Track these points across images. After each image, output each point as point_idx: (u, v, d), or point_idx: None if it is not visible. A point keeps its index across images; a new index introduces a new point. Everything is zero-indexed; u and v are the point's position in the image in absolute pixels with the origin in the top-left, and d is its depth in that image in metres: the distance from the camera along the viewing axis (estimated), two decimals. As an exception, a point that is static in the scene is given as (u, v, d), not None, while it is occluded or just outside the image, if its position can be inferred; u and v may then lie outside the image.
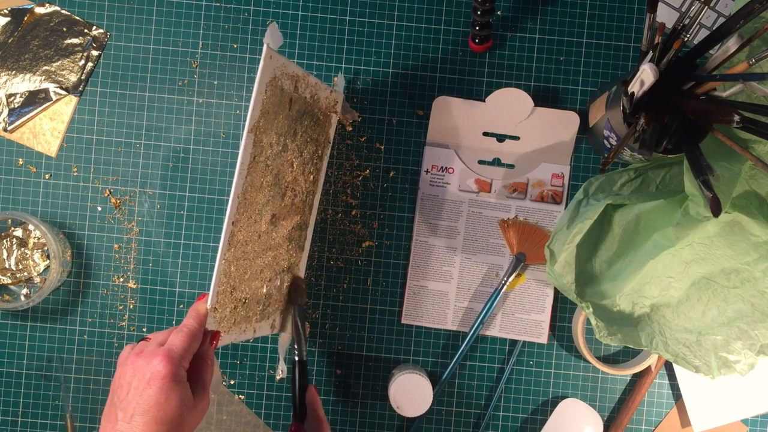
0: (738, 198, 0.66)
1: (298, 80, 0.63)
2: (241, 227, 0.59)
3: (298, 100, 0.64)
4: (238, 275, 0.60)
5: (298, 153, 0.66)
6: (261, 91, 0.57)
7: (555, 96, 0.76)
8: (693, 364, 0.67)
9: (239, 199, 0.58)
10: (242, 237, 0.60)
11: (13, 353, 0.75)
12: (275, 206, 0.64)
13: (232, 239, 0.58)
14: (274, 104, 0.60)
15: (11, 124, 0.75)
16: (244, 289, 0.62)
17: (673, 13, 0.75)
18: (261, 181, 0.61)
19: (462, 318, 0.75)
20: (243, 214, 0.59)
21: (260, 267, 0.64)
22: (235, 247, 0.59)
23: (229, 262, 0.58)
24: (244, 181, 0.58)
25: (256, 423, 0.75)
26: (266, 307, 0.67)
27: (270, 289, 0.67)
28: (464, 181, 0.75)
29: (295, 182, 0.67)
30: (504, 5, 0.76)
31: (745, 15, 0.56)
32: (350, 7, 0.76)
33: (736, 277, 0.68)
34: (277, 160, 0.62)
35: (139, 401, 0.51)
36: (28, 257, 0.75)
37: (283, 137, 0.63)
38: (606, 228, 0.71)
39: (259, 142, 0.59)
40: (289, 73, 0.61)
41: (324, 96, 0.69)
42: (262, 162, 0.60)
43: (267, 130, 0.60)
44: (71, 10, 0.76)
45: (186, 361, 0.54)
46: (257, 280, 0.64)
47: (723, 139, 0.58)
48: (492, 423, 0.76)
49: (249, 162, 0.58)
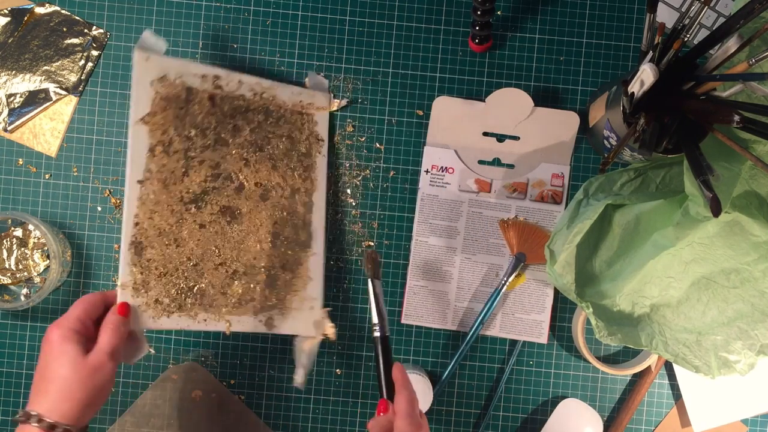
0: (738, 198, 0.66)
1: (219, 79, 0.68)
2: (159, 213, 0.65)
3: (227, 98, 0.68)
4: (169, 262, 0.65)
5: (252, 149, 0.69)
6: (138, 89, 0.65)
7: (555, 96, 0.76)
8: (693, 364, 0.67)
9: (148, 184, 0.65)
10: (163, 224, 0.65)
11: (13, 353, 0.75)
12: (227, 199, 0.68)
13: (144, 224, 0.65)
14: (175, 100, 0.66)
15: (11, 124, 0.75)
16: (189, 277, 0.66)
17: (673, 13, 0.75)
18: (182, 170, 0.66)
19: (462, 318, 0.75)
20: (161, 201, 0.65)
21: (214, 259, 0.67)
22: (150, 232, 0.65)
23: (142, 246, 0.65)
24: (142, 168, 0.65)
25: (256, 423, 0.75)
26: (245, 302, 0.68)
27: (249, 283, 0.68)
28: (464, 181, 0.75)
29: (264, 178, 0.69)
30: (504, 5, 0.76)
31: (745, 15, 0.56)
32: (350, 7, 0.76)
33: (736, 277, 0.68)
34: (211, 153, 0.67)
35: (37, 367, 0.59)
36: (28, 257, 0.75)
37: (212, 131, 0.68)
38: (606, 228, 0.71)
39: (161, 133, 0.65)
40: (197, 72, 0.67)
41: (287, 95, 0.72)
42: (178, 152, 0.66)
43: (171, 123, 0.66)
44: (71, 10, 0.76)
45: (76, 324, 0.59)
46: (213, 272, 0.67)
47: (723, 139, 0.58)
48: (492, 423, 0.76)
49: (146, 151, 0.64)
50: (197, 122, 0.67)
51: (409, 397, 0.60)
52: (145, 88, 0.65)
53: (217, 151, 0.68)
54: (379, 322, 0.64)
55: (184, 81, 0.67)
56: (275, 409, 0.76)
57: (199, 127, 0.67)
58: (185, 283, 0.66)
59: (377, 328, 0.64)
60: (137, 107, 0.65)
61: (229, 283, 0.68)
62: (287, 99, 0.72)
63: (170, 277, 0.66)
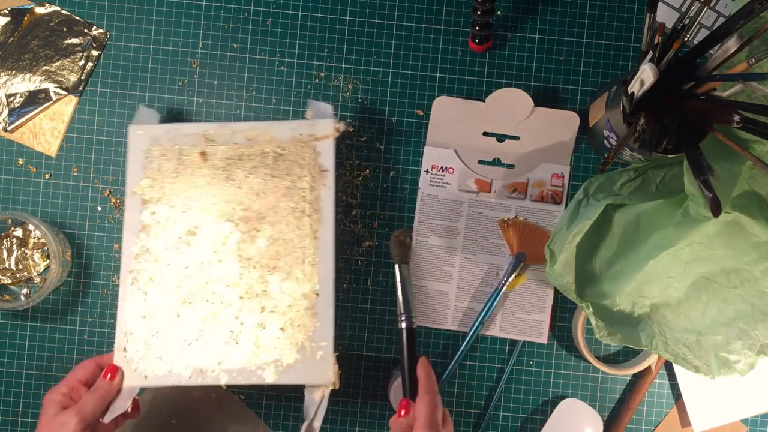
0: (738, 198, 0.66)
1: (209, 134, 0.69)
2: (155, 284, 0.68)
3: (219, 150, 0.69)
4: (163, 322, 0.67)
5: (250, 194, 0.69)
6: (131, 161, 0.69)
7: (555, 96, 0.76)
8: (693, 364, 0.67)
9: (143, 254, 0.68)
10: (159, 297, 0.67)
11: (13, 353, 0.75)
12: (223, 253, 0.68)
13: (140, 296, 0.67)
14: (168, 165, 0.69)
15: (11, 124, 0.75)
16: (181, 333, 0.67)
17: (673, 13, 0.75)
18: (177, 236, 0.68)
19: (462, 318, 0.75)
20: (155, 277, 0.68)
21: (209, 316, 0.67)
22: (146, 304, 0.68)
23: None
24: (137, 238, 0.68)
25: (256, 423, 0.75)
26: (244, 354, 0.66)
27: (248, 332, 0.66)
28: (464, 181, 0.75)
29: (263, 221, 0.68)
30: (504, 5, 0.76)
31: (745, 15, 0.56)
32: (350, 7, 0.76)
33: (736, 277, 0.68)
34: (206, 210, 0.69)
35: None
36: (28, 257, 0.75)
37: (206, 185, 0.69)
38: (606, 228, 0.71)
39: (155, 201, 0.69)
40: (188, 132, 0.69)
41: (284, 132, 0.69)
42: (170, 218, 0.68)
43: (164, 190, 0.69)
44: (71, 10, 0.76)
45: (65, 389, 0.63)
46: (210, 327, 0.67)
47: (723, 139, 0.58)
48: (492, 423, 0.76)
49: (139, 222, 0.68)
50: (191, 183, 0.69)
51: (430, 403, 0.57)
52: (138, 159, 0.69)
53: (213, 205, 0.68)
54: (405, 312, 0.60)
55: (176, 144, 0.69)
56: (275, 409, 0.76)
57: (193, 187, 0.69)
58: (180, 340, 0.66)
59: (404, 318, 0.60)
60: (132, 178, 0.69)
61: (226, 339, 0.66)
62: (285, 136, 0.69)
63: (163, 338, 0.66)
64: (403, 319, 0.60)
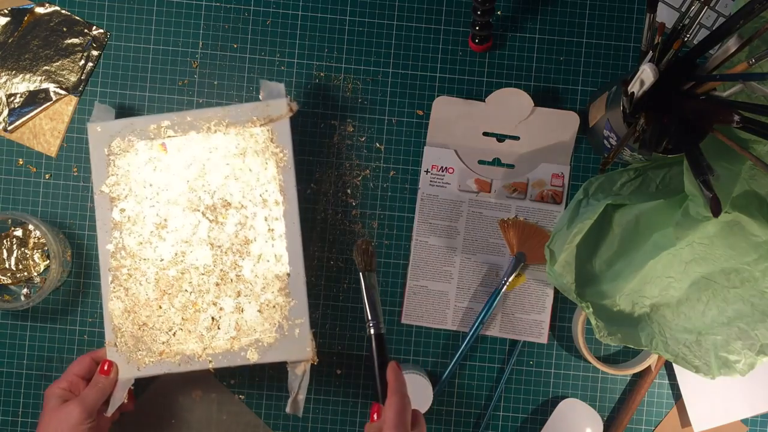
0: (738, 198, 0.66)
1: (168, 125, 0.69)
2: (132, 277, 0.69)
3: (179, 141, 0.70)
4: (147, 314, 0.69)
5: (212, 182, 0.69)
6: (94, 159, 0.69)
7: (555, 96, 0.76)
8: (693, 364, 0.67)
9: (119, 250, 0.69)
10: (138, 289, 0.69)
11: (13, 353, 0.75)
12: (195, 244, 0.69)
13: (119, 292, 0.69)
14: (131, 160, 0.69)
15: (11, 124, 0.75)
16: (166, 323, 0.68)
17: (673, 13, 0.75)
18: (149, 230, 0.69)
19: (462, 318, 0.75)
20: (132, 268, 0.69)
21: (188, 304, 0.69)
22: (127, 298, 0.69)
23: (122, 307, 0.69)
24: (111, 235, 0.69)
25: (256, 423, 0.75)
26: (225, 338, 0.68)
27: (227, 317, 0.68)
28: (464, 181, 0.75)
29: (229, 209, 0.69)
30: (504, 5, 0.76)
31: (745, 15, 0.56)
32: (350, 7, 0.76)
33: (736, 277, 0.68)
34: (173, 202, 0.70)
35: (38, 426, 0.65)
36: (28, 257, 0.75)
37: (174, 178, 0.70)
38: (606, 228, 0.71)
39: (123, 197, 0.69)
40: (145, 126, 0.69)
41: (240, 116, 0.69)
42: (140, 214, 0.69)
43: (131, 186, 0.70)
44: (71, 10, 0.76)
45: (65, 384, 0.66)
46: (190, 315, 0.69)
47: (723, 139, 0.59)
48: (492, 423, 0.76)
49: (111, 218, 0.69)
50: (155, 176, 0.69)
51: (398, 405, 0.57)
52: (101, 157, 0.69)
53: (179, 195, 0.69)
54: (372, 318, 0.61)
55: (136, 138, 0.69)
56: (275, 409, 0.76)
57: (157, 180, 0.69)
58: (164, 330, 0.68)
59: (371, 324, 0.61)
60: (97, 177, 0.69)
61: (208, 325, 0.68)
62: (240, 119, 0.69)
63: (149, 330, 0.68)
64: (371, 326, 0.62)
